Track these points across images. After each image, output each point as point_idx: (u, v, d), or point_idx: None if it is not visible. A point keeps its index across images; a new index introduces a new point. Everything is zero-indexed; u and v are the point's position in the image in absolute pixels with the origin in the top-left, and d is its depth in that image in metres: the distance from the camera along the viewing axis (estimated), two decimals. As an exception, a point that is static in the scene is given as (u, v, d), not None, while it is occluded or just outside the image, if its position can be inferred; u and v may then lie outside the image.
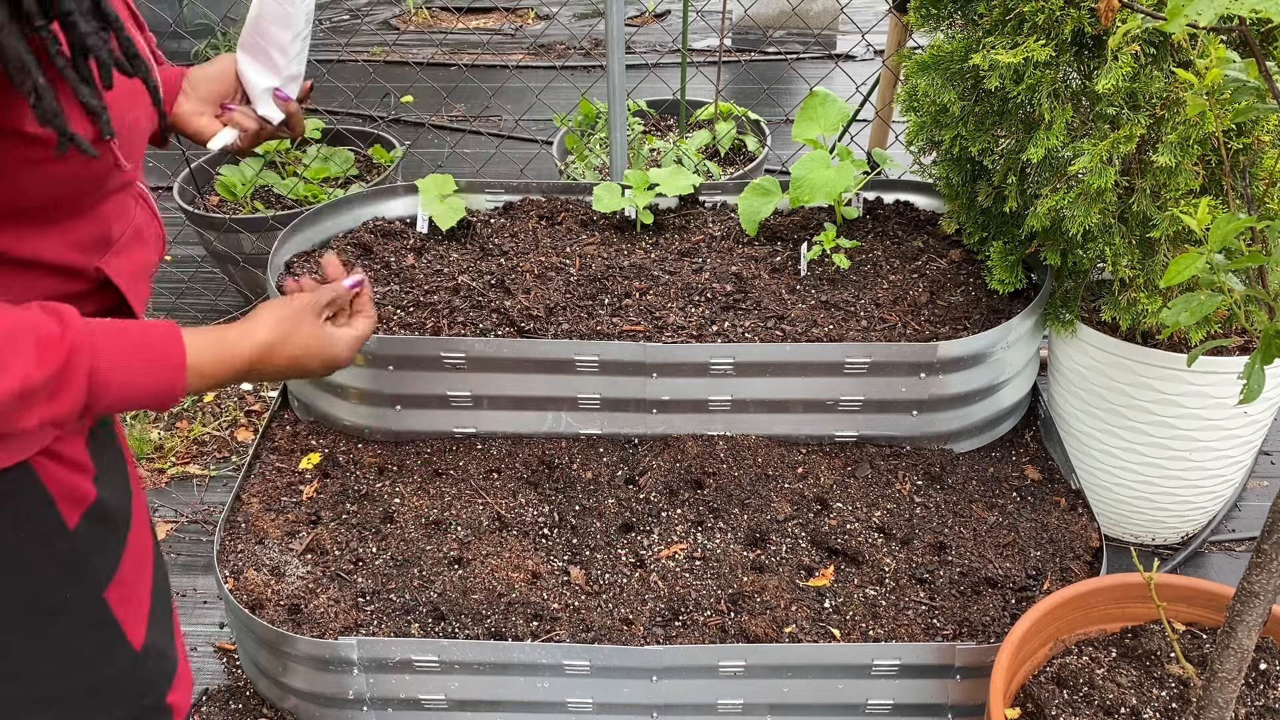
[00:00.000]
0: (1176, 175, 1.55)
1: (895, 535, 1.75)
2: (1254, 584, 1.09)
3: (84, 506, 1.03)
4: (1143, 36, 1.51)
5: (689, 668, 1.55)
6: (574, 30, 5.37)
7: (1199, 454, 1.89)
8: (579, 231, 2.25)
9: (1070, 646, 1.46)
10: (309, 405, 2.01)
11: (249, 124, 1.26)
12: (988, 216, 2.00)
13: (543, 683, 1.58)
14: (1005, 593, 1.65)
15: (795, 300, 1.98)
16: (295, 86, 1.29)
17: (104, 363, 0.88)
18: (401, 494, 1.86)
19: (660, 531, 1.77)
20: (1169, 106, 1.53)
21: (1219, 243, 0.93)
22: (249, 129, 1.27)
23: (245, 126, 1.26)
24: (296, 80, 1.29)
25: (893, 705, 1.59)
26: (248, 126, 1.26)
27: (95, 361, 0.88)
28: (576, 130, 3.11)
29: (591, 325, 1.92)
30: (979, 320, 1.92)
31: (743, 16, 4.93)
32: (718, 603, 1.64)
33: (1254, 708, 1.34)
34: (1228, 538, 2.15)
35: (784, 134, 3.78)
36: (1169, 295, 1.67)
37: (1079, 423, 2.00)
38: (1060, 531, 1.76)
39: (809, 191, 2.03)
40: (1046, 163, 1.69)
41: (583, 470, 1.88)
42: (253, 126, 1.27)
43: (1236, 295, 0.96)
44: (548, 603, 1.65)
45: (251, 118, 1.27)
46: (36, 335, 0.84)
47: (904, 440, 1.91)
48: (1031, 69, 1.60)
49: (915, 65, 1.84)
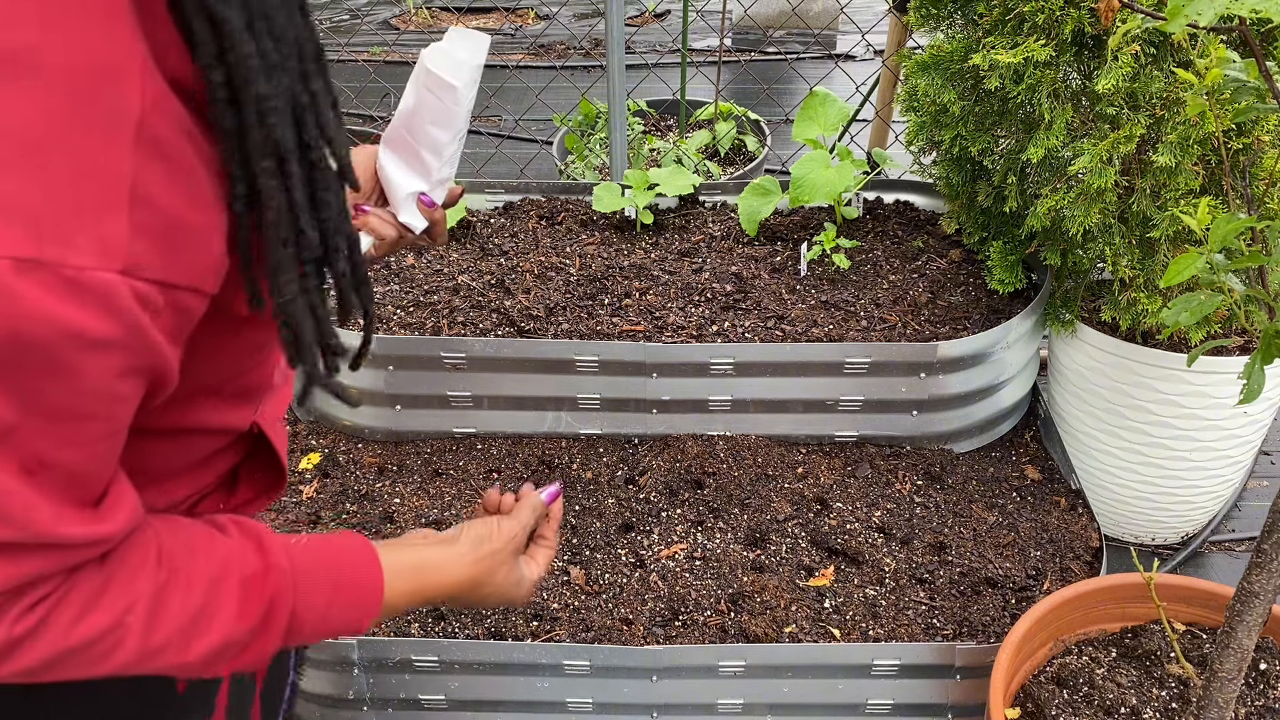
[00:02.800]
0: (1176, 175, 1.55)
1: (895, 535, 1.75)
2: (1254, 584, 1.09)
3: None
4: (1143, 36, 1.51)
5: (689, 668, 1.55)
6: (574, 30, 5.37)
7: (1199, 454, 1.89)
8: (579, 231, 2.25)
9: (1070, 646, 1.46)
10: (309, 405, 2.02)
11: (388, 231, 1.08)
12: (988, 216, 2.00)
13: (543, 683, 1.58)
14: (1005, 593, 1.65)
15: (795, 300, 1.98)
16: (443, 191, 1.10)
17: (303, 604, 0.76)
18: (401, 494, 1.86)
19: (660, 531, 1.77)
20: (1169, 106, 1.53)
21: (1219, 243, 0.93)
22: (387, 236, 1.08)
23: (383, 234, 1.08)
24: (445, 184, 1.10)
25: (893, 705, 1.59)
26: (385, 234, 1.08)
27: (295, 604, 0.76)
28: (576, 130, 3.11)
29: (591, 325, 1.92)
30: (979, 320, 1.92)
31: (743, 16, 4.93)
32: (718, 603, 1.64)
33: (1254, 708, 1.34)
34: (1228, 538, 2.15)
35: (784, 134, 3.78)
36: (1169, 295, 1.67)
37: (1079, 423, 2.00)
38: (1060, 531, 1.76)
39: (809, 191, 2.03)
40: (1046, 163, 1.69)
41: (583, 470, 1.88)
42: (392, 234, 1.09)
43: (1236, 295, 0.96)
44: (548, 603, 1.65)
45: (391, 224, 1.08)
46: (240, 576, 0.73)
47: (904, 440, 1.91)
48: (1031, 69, 1.60)
49: (915, 65, 1.84)
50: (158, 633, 0.69)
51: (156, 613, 0.69)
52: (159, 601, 0.69)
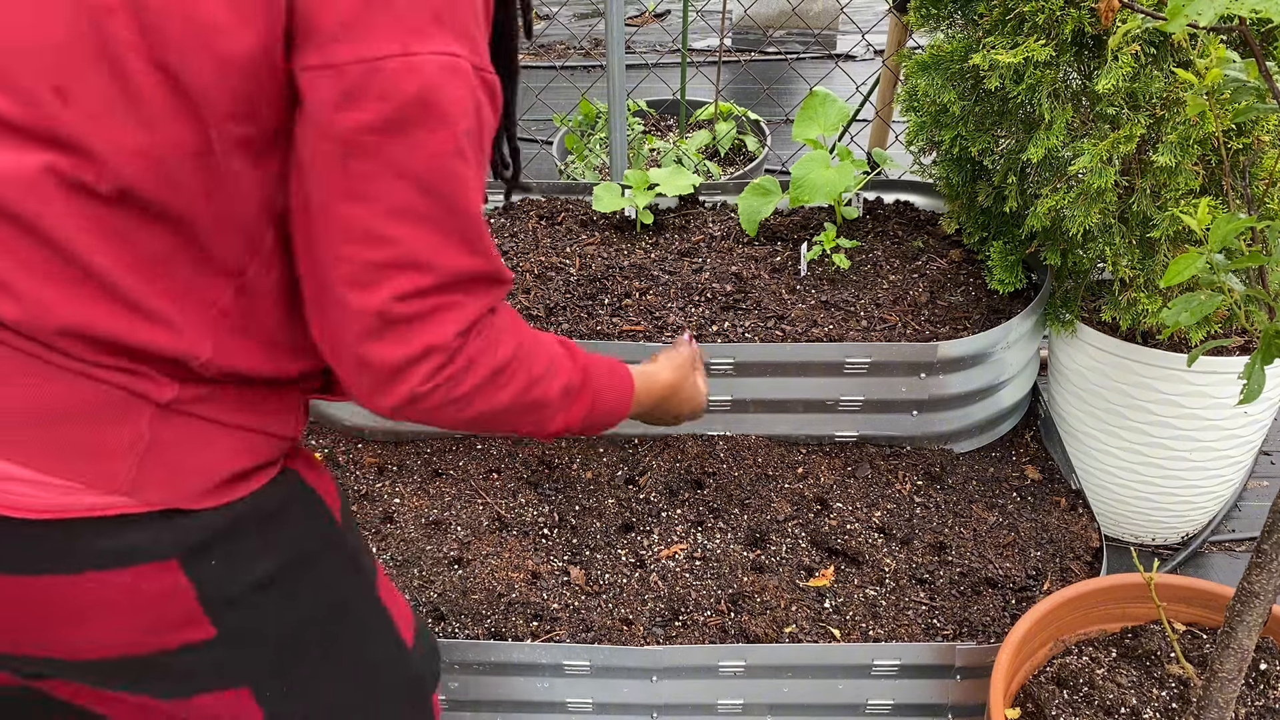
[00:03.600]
0: (1176, 175, 1.55)
1: (895, 535, 1.75)
2: (1254, 584, 1.09)
3: (339, 501, 1.04)
4: (1143, 36, 1.51)
5: (689, 668, 1.55)
6: (574, 30, 5.36)
7: (1199, 454, 1.89)
8: (579, 231, 2.25)
9: (1070, 646, 1.46)
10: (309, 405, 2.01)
11: None
12: (988, 216, 2.00)
13: (543, 683, 1.58)
14: (1005, 593, 1.65)
15: (795, 300, 1.98)
16: None
17: (595, 373, 1.06)
18: (401, 494, 1.86)
19: (660, 531, 1.77)
20: (1169, 106, 1.53)
21: (1219, 243, 0.93)
22: None
23: None
24: None
25: (893, 705, 1.59)
26: None
27: (591, 371, 1.05)
28: (576, 130, 3.11)
29: (591, 325, 1.92)
30: (979, 320, 1.92)
31: (743, 16, 4.93)
32: (718, 603, 1.64)
33: (1254, 708, 1.33)
34: (1228, 538, 2.15)
35: (784, 134, 3.77)
36: (1169, 295, 1.66)
37: (1079, 423, 2.00)
38: (1060, 531, 1.76)
39: (809, 191, 2.03)
40: (1046, 163, 1.69)
41: (583, 470, 1.88)
42: None
43: (1236, 295, 0.96)
44: (548, 603, 1.65)
45: None
46: (560, 342, 1.04)
47: (904, 440, 1.91)
48: (1031, 69, 1.60)
49: (915, 65, 1.84)
50: (535, 366, 0.97)
51: (532, 351, 0.97)
52: (532, 343, 0.97)
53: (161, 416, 0.85)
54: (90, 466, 0.82)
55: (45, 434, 0.81)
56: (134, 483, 0.83)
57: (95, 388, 0.82)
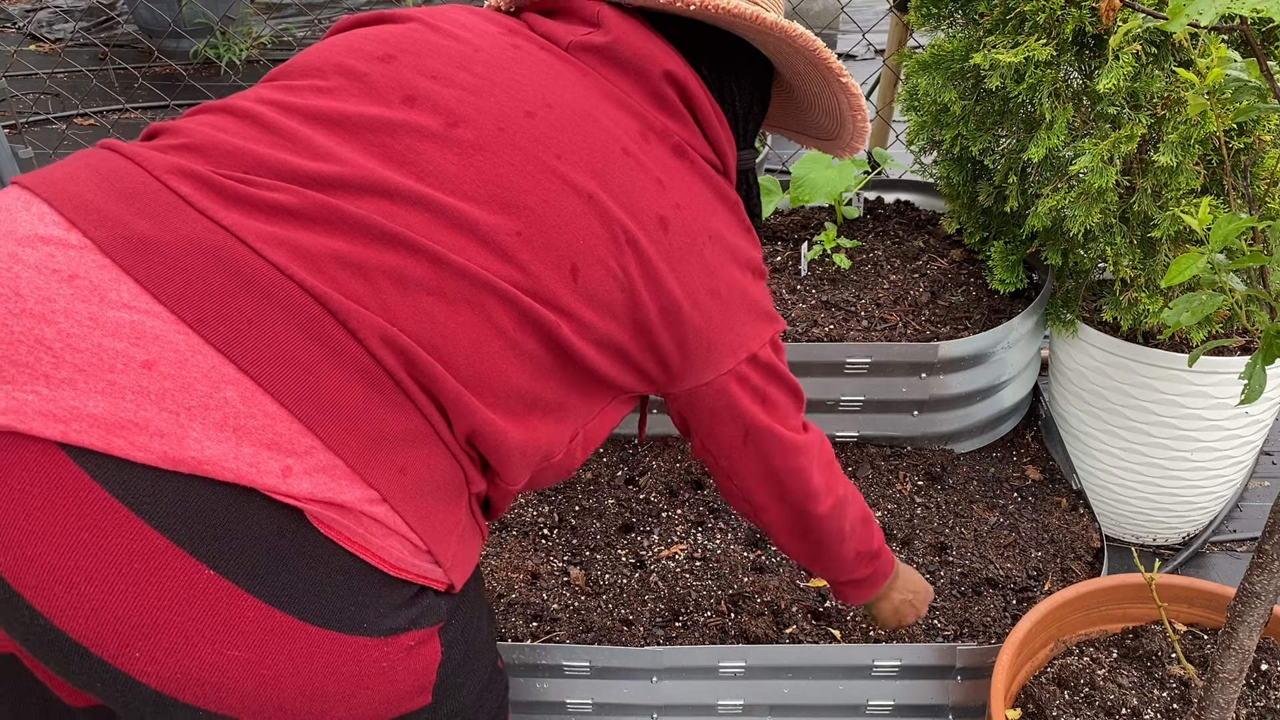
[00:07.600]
0: (1178, 175, 1.55)
1: (896, 535, 1.75)
2: (1255, 584, 1.09)
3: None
4: (1144, 36, 1.50)
5: (689, 668, 1.55)
6: (574, 30, 5.35)
7: (1200, 454, 1.89)
8: (579, 231, 2.24)
9: (1071, 647, 1.46)
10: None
11: None
12: (989, 216, 2.00)
13: (542, 683, 1.57)
14: (1006, 593, 1.65)
15: (795, 300, 1.98)
16: None
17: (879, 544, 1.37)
18: (401, 494, 1.85)
19: (660, 532, 1.77)
20: (1170, 106, 1.53)
21: (1220, 242, 0.92)
22: None
23: None
24: None
25: (893, 706, 1.59)
26: None
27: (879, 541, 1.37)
28: (577, 130, 3.10)
29: (592, 325, 1.92)
30: (980, 320, 1.91)
31: (743, 16, 4.92)
32: (718, 603, 1.64)
33: (1255, 708, 1.33)
34: (1229, 538, 2.15)
35: (784, 134, 3.76)
36: (1170, 295, 1.66)
37: (1080, 423, 1.99)
38: (1061, 532, 1.76)
39: (809, 191, 2.03)
40: (1047, 162, 1.69)
41: (583, 470, 1.88)
42: None
43: (1238, 295, 0.96)
44: (548, 603, 1.65)
45: None
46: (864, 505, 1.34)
47: (905, 440, 1.91)
48: (1032, 68, 1.60)
49: (916, 65, 1.84)
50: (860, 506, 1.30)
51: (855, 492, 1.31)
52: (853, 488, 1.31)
53: (471, 505, 0.92)
54: (440, 538, 0.87)
55: (426, 500, 0.85)
56: (454, 560, 0.89)
57: (455, 468, 0.88)
